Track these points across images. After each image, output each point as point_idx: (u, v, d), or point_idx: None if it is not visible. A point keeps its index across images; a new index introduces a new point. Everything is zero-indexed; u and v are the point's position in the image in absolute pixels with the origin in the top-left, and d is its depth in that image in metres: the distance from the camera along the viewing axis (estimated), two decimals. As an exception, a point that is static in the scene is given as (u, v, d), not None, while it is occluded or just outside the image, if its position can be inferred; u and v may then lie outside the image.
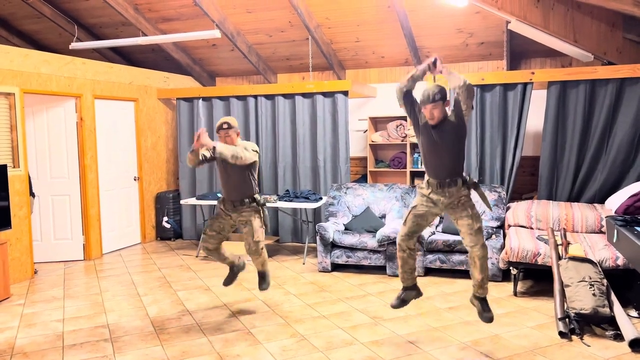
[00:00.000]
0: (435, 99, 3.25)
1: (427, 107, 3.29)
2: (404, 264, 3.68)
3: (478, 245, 3.39)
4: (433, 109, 3.27)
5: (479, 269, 3.43)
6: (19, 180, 5.50)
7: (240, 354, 3.60)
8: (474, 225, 3.39)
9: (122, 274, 5.73)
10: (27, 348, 3.79)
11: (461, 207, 3.44)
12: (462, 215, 3.43)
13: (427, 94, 3.27)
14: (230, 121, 4.09)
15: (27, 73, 5.59)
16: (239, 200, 4.17)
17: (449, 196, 3.45)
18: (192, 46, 7.62)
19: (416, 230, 3.59)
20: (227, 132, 4.07)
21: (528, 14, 5.23)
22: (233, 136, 4.10)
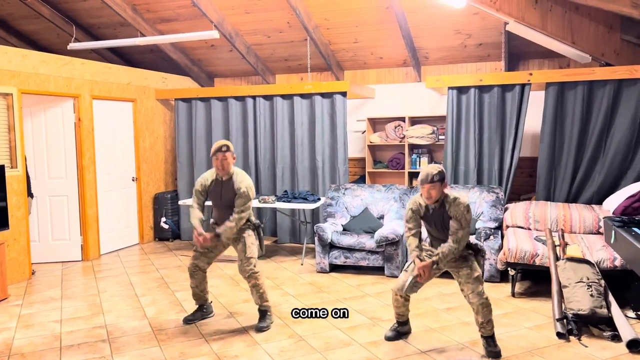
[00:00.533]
0: (433, 180, 3.41)
1: (425, 187, 3.44)
2: (399, 307, 3.78)
3: (476, 292, 3.44)
4: (431, 189, 3.43)
5: (480, 314, 3.47)
6: (17, 181, 5.49)
7: (238, 355, 3.60)
8: (473, 274, 3.47)
9: (120, 274, 5.72)
10: (24, 349, 3.79)
11: (462, 260, 3.53)
12: (462, 267, 3.51)
13: (426, 175, 3.42)
14: (228, 144, 3.95)
15: (25, 73, 5.58)
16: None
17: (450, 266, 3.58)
18: (191, 47, 7.62)
19: (416, 287, 3.67)
20: (224, 155, 3.90)
21: (526, 15, 5.25)
22: (230, 159, 3.95)
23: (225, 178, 4.01)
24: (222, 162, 3.91)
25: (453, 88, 5.99)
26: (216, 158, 3.91)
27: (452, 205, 3.46)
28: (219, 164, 3.92)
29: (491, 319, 3.48)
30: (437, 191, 3.44)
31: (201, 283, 4.18)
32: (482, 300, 3.42)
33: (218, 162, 3.92)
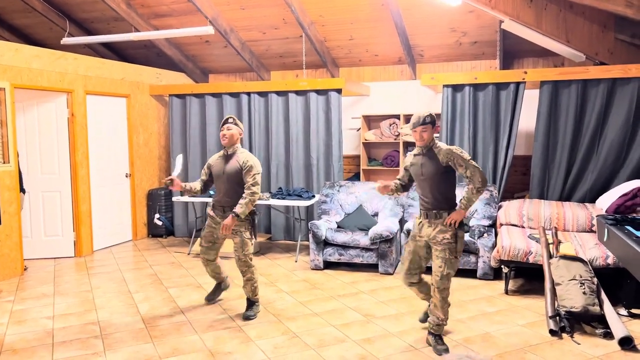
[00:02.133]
0: (425, 122, 3.52)
1: (417, 130, 3.54)
2: (419, 293, 3.83)
3: (440, 289, 3.47)
4: (422, 131, 3.53)
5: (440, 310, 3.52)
6: (9, 176, 5.45)
7: (232, 351, 3.59)
8: (444, 270, 3.46)
9: (113, 271, 5.69)
10: (16, 345, 3.76)
11: (441, 247, 3.47)
12: (438, 256, 3.49)
13: (418, 117, 3.53)
14: (235, 118, 4.19)
15: (17, 68, 5.54)
16: (229, 207, 4.17)
17: (434, 227, 3.52)
18: (185, 42, 7.58)
19: (411, 267, 3.68)
20: (228, 126, 4.13)
21: (521, 14, 5.26)
22: (234, 131, 4.15)
23: (230, 152, 4.18)
24: (226, 132, 4.12)
25: (448, 86, 6.00)
26: (222, 129, 4.15)
27: (440, 151, 3.51)
28: (223, 133, 4.13)
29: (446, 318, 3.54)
30: (428, 133, 3.53)
31: (215, 268, 4.46)
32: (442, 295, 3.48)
33: (223, 132, 4.13)
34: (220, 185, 4.22)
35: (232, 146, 4.19)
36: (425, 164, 3.56)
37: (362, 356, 3.50)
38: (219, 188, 4.24)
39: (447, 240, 3.45)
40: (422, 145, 3.57)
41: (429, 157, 3.56)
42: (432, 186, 3.53)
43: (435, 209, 3.52)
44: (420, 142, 3.56)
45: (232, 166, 4.13)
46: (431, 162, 3.53)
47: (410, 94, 7.20)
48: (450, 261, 3.46)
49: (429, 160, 3.55)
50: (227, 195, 4.18)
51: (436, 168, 3.51)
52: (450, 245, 3.45)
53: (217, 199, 4.26)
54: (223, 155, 4.24)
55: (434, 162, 3.52)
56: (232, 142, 4.16)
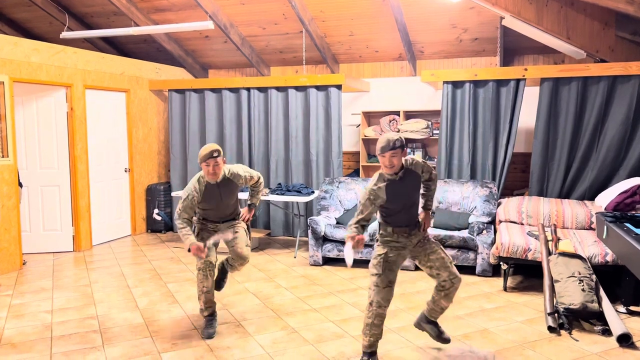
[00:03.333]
0: (395, 146, 3.17)
1: (386, 155, 3.19)
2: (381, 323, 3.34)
3: (458, 276, 3.34)
4: (392, 156, 3.18)
5: (450, 299, 3.39)
6: (8, 170, 5.44)
7: (231, 346, 3.60)
8: (447, 258, 3.35)
9: (112, 265, 5.69)
10: (15, 339, 3.76)
11: (428, 243, 3.39)
12: (434, 250, 3.35)
13: (387, 141, 3.19)
14: (219, 148, 3.72)
15: (16, 61, 5.52)
16: (226, 218, 3.97)
17: (417, 236, 3.39)
18: (185, 37, 7.56)
19: (392, 280, 3.34)
20: (216, 160, 3.65)
21: (522, 10, 5.24)
22: (221, 164, 3.72)
23: (220, 180, 3.79)
24: (214, 168, 3.65)
25: (448, 82, 5.99)
26: (207, 164, 3.63)
27: (417, 166, 3.34)
28: (210, 170, 3.65)
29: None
30: (398, 159, 3.20)
31: (212, 284, 3.86)
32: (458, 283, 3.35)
33: (210, 168, 3.64)
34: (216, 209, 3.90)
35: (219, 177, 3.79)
36: (409, 186, 3.32)
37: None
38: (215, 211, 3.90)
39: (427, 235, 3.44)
40: (391, 172, 3.24)
41: (408, 179, 3.31)
42: (414, 201, 3.37)
43: (415, 221, 3.40)
44: (389, 169, 3.21)
45: (228, 191, 3.87)
46: (412, 182, 3.33)
47: (411, 90, 7.19)
48: (442, 248, 3.41)
49: (409, 182, 3.32)
50: (225, 213, 3.95)
51: (417, 186, 3.36)
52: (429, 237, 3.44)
53: (213, 218, 3.94)
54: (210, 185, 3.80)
55: (415, 182, 3.34)
56: (219, 174, 3.74)
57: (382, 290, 3.25)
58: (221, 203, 3.89)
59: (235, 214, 4.04)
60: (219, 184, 3.80)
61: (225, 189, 3.85)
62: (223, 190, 3.83)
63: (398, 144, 3.16)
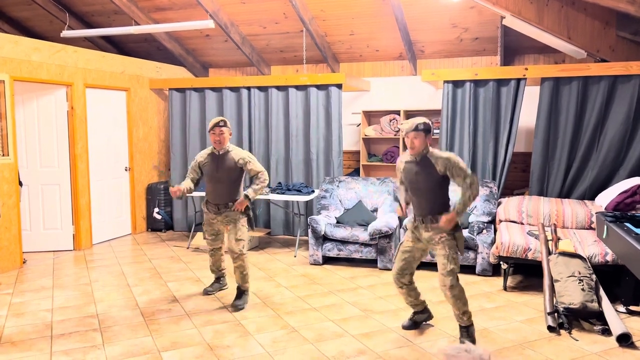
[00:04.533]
0: (418, 129, 3.37)
1: (409, 136, 3.39)
2: (406, 297, 3.77)
3: (447, 286, 3.43)
4: (414, 137, 3.38)
5: (454, 306, 3.52)
6: (9, 169, 5.44)
7: (231, 345, 3.60)
8: (447, 266, 3.42)
9: (112, 264, 5.69)
10: (15, 337, 3.76)
11: (440, 245, 3.46)
12: (440, 254, 3.47)
13: (411, 123, 3.39)
14: (225, 120, 4.15)
15: (17, 60, 5.52)
16: (223, 204, 4.20)
17: (430, 231, 3.50)
18: (185, 36, 7.56)
19: (405, 267, 3.64)
20: (221, 129, 4.10)
21: (523, 10, 5.24)
22: (227, 135, 4.14)
23: (222, 152, 4.17)
24: (219, 137, 4.09)
25: (448, 82, 5.99)
26: (213, 132, 4.09)
27: (438, 159, 3.38)
28: (216, 138, 4.10)
29: (467, 310, 3.50)
30: (420, 141, 3.37)
31: (217, 261, 4.58)
32: (454, 292, 3.43)
33: (215, 136, 4.09)
34: (212, 184, 4.21)
35: (224, 147, 4.21)
36: (420, 173, 3.44)
37: (361, 351, 3.51)
38: (210, 187, 4.24)
39: (445, 237, 3.45)
40: (413, 153, 3.44)
41: (423, 165, 3.44)
42: (428, 194, 3.46)
43: (431, 214, 3.48)
44: (411, 150, 3.43)
45: (225, 166, 4.13)
46: (427, 171, 3.42)
47: (411, 89, 7.18)
48: (452, 257, 3.43)
49: (423, 169, 3.43)
50: (220, 194, 4.19)
51: (433, 177, 3.42)
52: (449, 242, 3.44)
53: (210, 198, 4.27)
54: (213, 155, 4.22)
55: (431, 171, 3.41)
56: (224, 144, 4.17)
57: (394, 275, 3.69)
58: (217, 177, 4.15)
59: (230, 201, 4.20)
60: (220, 155, 4.18)
61: (223, 163, 4.14)
62: (220, 162, 4.15)
63: (421, 127, 3.37)
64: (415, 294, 3.76)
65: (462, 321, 3.55)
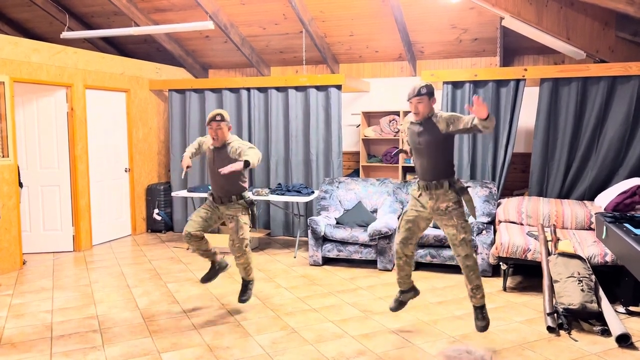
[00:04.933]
0: (421, 93, 3.34)
1: (413, 101, 3.36)
2: (401, 270, 3.73)
3: (462, 256, 3.38)
4: (418, 102, 3.35)
5: (466, 278, 3.46)
6: (8, 170, 5.45)
7: (230, 346, 3.60)
8: (458, 236, 3.35)
9: (112, 265, 5.70)
10: (15, 338, 3.77)
11: (447, 216, 3.40)
12: (448, 224, 3.40)
13: (413, 88, 3.37)
14: (223, 113, 3.98)
15: (17, 61, 5.52)
16: (226, 197, 4.07)
17: (436, 199, 3.43)
18: (185, 37, 7.57)
19: (409, 237, 3.59)
20: (219, 124, 3.94)
21: (522, 11, 5.25)
22: (224, 129, 3.98)
23: (220, 145, 4.04)
24: (216, 132, 3.93)
25: (448, 83, 6.00)
26: (210, 127, 3.93)
27: (441, 119, 3.33)
28: (213, 133, 3.94)
29: (480, 285, 3.43)
30: (424, 105, 3.34)
31: (200, 246, 4.15)
32: (467, 263, 3.36)
33: (212, 131, 3.93)
34: (212, 176, 4.10)
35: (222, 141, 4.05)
36: (423, 133, 3.40)
37: (360, 351, 3.51)
38: (212, 179, 4.12)
39: (451, 207, 3.38)
40: (418, 119, 3.40)
41: (426, 126, 3.39)
42: (431, 155, 3.40)
43: (435, 179, 3.40)
44: (416, 116, 3.40)
45: (225, 160, 4.00)
46: (429, 131, 3.37)
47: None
48: (462, 226, 3.35)
49: (426, 130, 3.39)
50: (222, 187, 4.07)
51: (435, 137, 3.36)
52: (456, 212, 3.36)
53: (212, 188, 4.15)
54: (214, 148, 4.09)
55: (433, 132, 3.36)
56: (223, 139, 4.01)
57: (397, 244, 3.62)
58: (214, 168, 4.05)
59: (233, 194, 4.06)
60: (219, 149, 4.05)
61: (221, 156, 4.02)
62: (217, 155, 4.04)
63: (424, 90, 3.33)
64: (409, 269, 3.71)
65: (476, 299, 3.47)
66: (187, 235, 4.07)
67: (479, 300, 3.51)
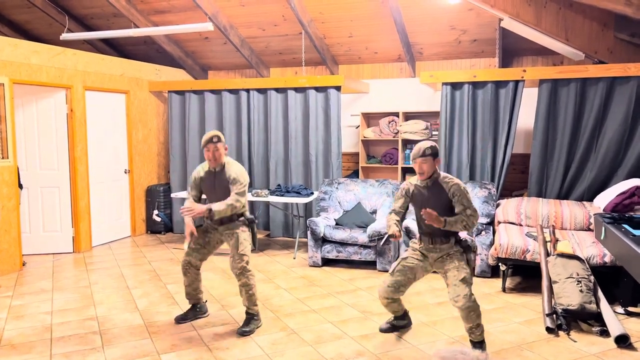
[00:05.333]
0: (425, 154, 3.39)
1: (417, 161, 3.42)
2: (387, 305, 3.68)
3: (460, 296, 3.29)
4: (422, 162, 3.40)
5: (464, 319, 3.35)
6: (8, 172, 5.45)
7: (230, 347, 3.61)
8: (459, 275, 3.35)
9: (112, 266, 5.70)
10: (14, 340, 3.77)
11: (449, 259, 3.44)
12: (450, 267, 3.41)
13: (418, 149, 3.42)
14: (219, 135, 3.88)
15: (16, 63, 5.53)
16: (226, 219, 3.95)
17: (440, 252, 3.49)
18: (185, 39, 7.58)
19: (403, 283, 3.55)
20: (216, 145, 3.84)
21: (521, 12, 5.26)
22: (221, 150, 3.89)
23: (218, 169, 3.94)
24: (213, 154, 3.85)
25: (447, 84, 6.00)
26: (207, 149, 3.85)
27: (449, 185, 3.41)
28: (210, 155, 3.86)
29: (480, 323, 3.35)
30: (428, 166, 3.40)
31: (194, 281, 4.04)
32: (468, 304, 3.26)
33: (210, 153, 3.85)
34: (212, 201, 3.98)
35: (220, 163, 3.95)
36: (432, 198, 3.45)
37: (360, 352, 3.52)
38: (208, 197, 4.02)
39: (455, 251, 3.45)
40: (423, 179, 3.45)
41: (435, 190, 3.46)
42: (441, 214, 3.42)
43: (443, 235, 3.46)
44: (421, 176, 3.44)
45: (223, 182, 3.92)
46: (438, 195, 3.44)
47: (410, 91, 7.20)
48: (463, 266, 3.38)
49: (435, 194, 3.45)
50: None
51: (445, 201, 3.42)
52: (459, 256, 3.43)
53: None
54: (209, 172, 3.98)
55: (442, 196, 3.43)
56: (220, 160, 3.91)
57: (383, 287, 3.60)
58: (214, 193, 3.97)
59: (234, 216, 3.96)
60: (217, 173, 3.96)
61: (220, 180, 3.95)
62: (218, 180, 3.95)
63: (428, 152, 3.39)
64: (396, 305, 3.70)
65: (474, 336, 3.38)
66: (186, 264, 3.97)
67: (478, 337, 3.40)
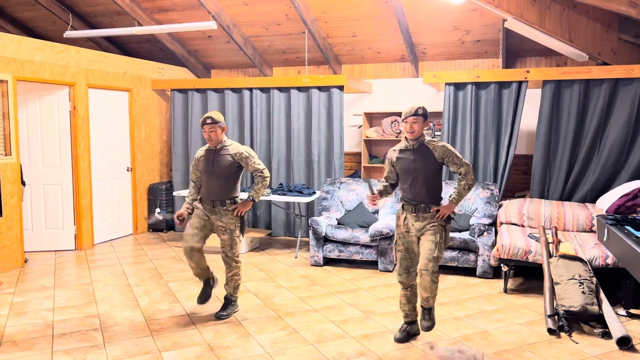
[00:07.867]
0: (417, 113, 3.49)
1: (409, 120, 3.50)
2: (408, 302, 3.72)
3: (428, 271, 3.39)
4: (414, 122, 3.50)
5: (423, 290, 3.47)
6: (11, 169, 5.46)
7: (231, 345, 3.61)
8: (434, 252, 3.42)
9: (114, 264, 5.71)
10: (16, 336, 3.78)
11: (430, 231, 3.49)
12: (428, 239, 3.47)
13: (410, 108, 3.51)
14: (214, 116, 3.94)
15: (20, 60, 5.54)
16: (219, 201, 4.00)
17: (422, 220, 3.54)
18: (188, 37, 7.58)
19: (410, 264, 3.64)
20: (211, 127, 3.93)
21: (524, 13, 5.25)
22: (218, 131, 3.95)
23: (218, 147, 4.05)
24: (209, 134, 3.97)
25: (450, 84, 6.00)
26: (204, 130, 3.99)
27: (436, 147, 3.50)
28: (206, 136, 3.99)
29: (436, 293, 3.51)
30: (419, 125, 3.50)
31: (200, 262, 4.05)
32: (433, 278, 3.41)
33: (206, 134, 3.99)
34: (207, 180, 4.03)
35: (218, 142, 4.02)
36: (418, 160, 3.52)
37: (361, 352, 3.51)
38: (205, 183, 4.05)
39: (436, 224, 3.49)
40: (412, 137, 3.52)
41: (421, 152, 3.53)
42: (425, 182, 3.52)
43: (424, 203, 3.53)
44: (411, 135, 3.52)
45: (222, 161, 3.97)
46: (425, 157, 3.51)
47: (413, 91, 7.19)
48: (440, 244, 3.46)
49: (422, 156, 3.52)
50: (216, 190, 4.00)
51: (431, 164, 3.50)
52: (439, 230, 3.48)
53: (204, 194, 4.06)
54: (209, 150, 4.05)
55: (429, 158, 3.51)
56: (218, 140, 3.99)
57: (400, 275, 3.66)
58: (212, 172, 4.02)
59: (227, 198, 4.01)
60: (216, 151, 4.04)
61: (219, 158, 4.01)
62: (217, 158, 4.02)
63: (420, 111, 3.49)
64: (415, 300, 3.74)
65: (428, 303, 3.54)
66: (189, 250, 3.97)
67: (432, 304, 3.56)
